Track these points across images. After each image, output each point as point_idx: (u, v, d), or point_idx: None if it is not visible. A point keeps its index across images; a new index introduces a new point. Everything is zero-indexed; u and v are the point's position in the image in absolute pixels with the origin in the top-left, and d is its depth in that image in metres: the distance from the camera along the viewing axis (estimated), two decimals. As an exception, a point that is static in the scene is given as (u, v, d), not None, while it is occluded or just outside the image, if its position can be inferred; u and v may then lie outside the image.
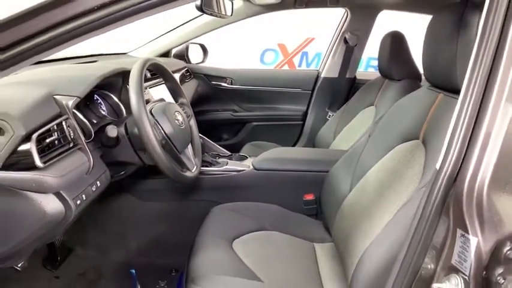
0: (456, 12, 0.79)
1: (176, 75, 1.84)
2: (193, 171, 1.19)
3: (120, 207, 1.48)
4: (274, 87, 2.27)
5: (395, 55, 1.65)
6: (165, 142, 1.07)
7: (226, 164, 1.44)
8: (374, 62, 3.19)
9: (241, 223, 1.17)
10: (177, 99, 1.33)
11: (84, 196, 0.88)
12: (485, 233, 0.51)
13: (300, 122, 2.28)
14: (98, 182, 0.95)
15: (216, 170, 1.42)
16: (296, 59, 4.07)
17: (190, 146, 1.26)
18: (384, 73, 1.74)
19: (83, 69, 1.28)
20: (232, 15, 1.52)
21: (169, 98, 1.34)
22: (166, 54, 2.11)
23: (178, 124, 1.11)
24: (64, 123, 0.84)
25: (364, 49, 2.18)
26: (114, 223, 1.49)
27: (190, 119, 1.31)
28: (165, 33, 2.06)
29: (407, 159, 0.89)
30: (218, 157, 1.52)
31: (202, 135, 1.54)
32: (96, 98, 1.15)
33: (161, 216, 1.48)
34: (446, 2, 0.84)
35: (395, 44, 1.65)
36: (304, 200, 1.40)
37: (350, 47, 2.12)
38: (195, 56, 2.20)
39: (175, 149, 1.10)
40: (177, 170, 1.06)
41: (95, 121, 1.08)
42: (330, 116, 2.17)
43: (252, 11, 1.96)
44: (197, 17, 1.98)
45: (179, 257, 1.20)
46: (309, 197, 1.40)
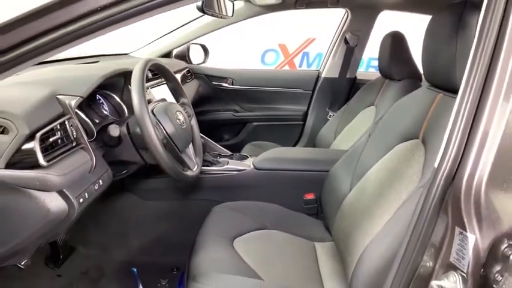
0: (455, 12, 0.80)
1: (177, 75, 1.85)
2: (194, 170, 1.19)
3: (121, 206, 1.49)
4: (274, 87, 2.27)
5: (395, 55, 1.65)
6: (167, 141, 1.08)
7: (227, 164, 1.45)
8: (375, 63, 3.19)
9: (242, 222, 1.18)
10: (179, 99, 1.34)
11: (86, 194, 0.89)
12: (483, 231, 0.52)
13: (301, 122, 2.29)
14: (100, 181, 0.96)
15: (217, 170, 1.42)
16: (297, 60, 4.07)
17: (191, 146, 1.27)
18: (384, 73, 1.74)
19: (86, 69, 1.29)
20: (233, 15, 1.53)
21: (170, 98, 1.35)
22: (167, 54, 2.12)
23: (179, 124, 1.12)
24: (67, 122, 0.85)
25: (364, 49, 2.18)
26: (115, 222, 1.50)
27: (191, 119, 1.32)
28: (167, 34, 2.07)
29: (407, 158, 0.90)
30: (219, 157, 1.53)
31: (203, 135, 1.54)
32: (98, 98, 1.16)
33: (162, 215, 1.48)
34: (446, 2, 0.85)
35: (395, 44, 1.65)
36: (304, 200, 1.41)
37: (350, 47, 2.13)
38: (196, 57, 2.20)
39: (176, 148, 1.11)
40: (179, 169, 1.07)
41: (97, 121, 1.09)
42: (331, 116, 2.17)
43: (253, 12, 1.97)
44: (198, 18, 1.99)
45: (180, 256, 1.20)
46: (310, 197, 1.40)
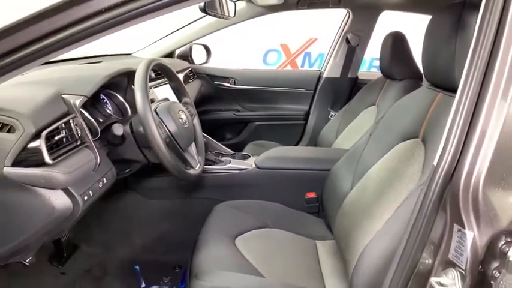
0: (455, 13, 0.80)
1: (180, 75, 1.86)
2: (196, 169, 1.21)
3: (125, 205, 1.50)
4: (276, 87, 2.28)
5: (396, 55, 1.65)
6: (170, 140, 1.09)
7: (229, 163, 1.46)
8: (377, 63, 3.19)
9: (243, 220, 1.19)
10: (181, 98, 1.35)
11: (91, 192, 0.90)
12: (481, 228, 0.52)
13: (302, 122, 2.29)
14: (104, 179, 0.98)
15: (219, 169, 1.43)
16: (299, 60, 4.07)
17: (193, 145, 1.29)
18: (386, 73, 1.75)
19: (90, 69, 1.30)
20: (235, 16, 1.54)
21: (173, 98, 1.37)
22: (170, 55, 2.13)
23: (182, 123, 1.13)
24: (72, 121, 0.87)
25: (366, 49, 2.18)
26: (119, 221, 1.51)
27: (193, 118, 1.33)
28: (169, 34, 2.08)
29: (407, 157, 0.90)
30: (221, 156, 1.54)
31: (205, 134, 1.55)
32: (102, 98, 1.17)
33: (165, 213, 1.49)
34: (446, 3, 0.86)
35: (396, 44, 1.65)
36: (306, 198, 1.42)
37: (352, 47, 2.13)
38: (199, 57, 2.21)
39: (179, 147, 1.12)
40: (181, 168, 1.08)
41: (101, 120, 1.11)
42: (332, 116, 2.17)
43: (255, 12, 1.98)
44: (201, 18, 2.01)
45: (183, 254, 1.21)
46: (311, 195, 1.41)
